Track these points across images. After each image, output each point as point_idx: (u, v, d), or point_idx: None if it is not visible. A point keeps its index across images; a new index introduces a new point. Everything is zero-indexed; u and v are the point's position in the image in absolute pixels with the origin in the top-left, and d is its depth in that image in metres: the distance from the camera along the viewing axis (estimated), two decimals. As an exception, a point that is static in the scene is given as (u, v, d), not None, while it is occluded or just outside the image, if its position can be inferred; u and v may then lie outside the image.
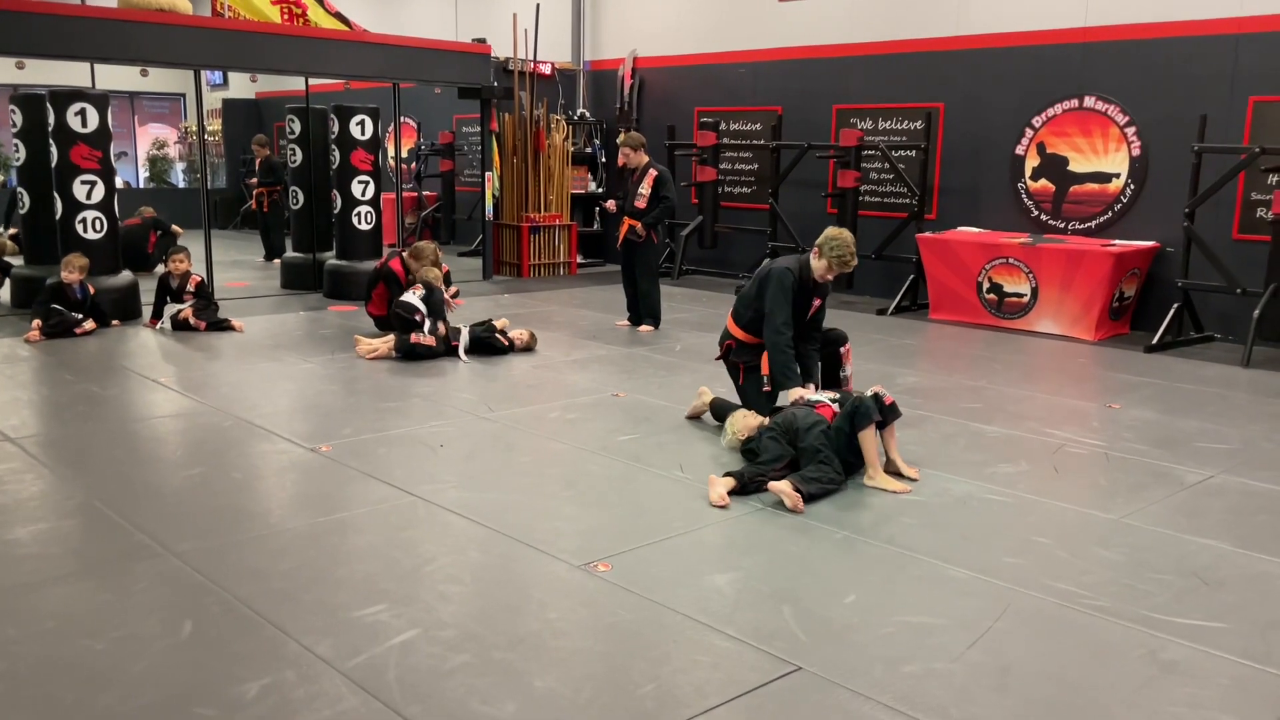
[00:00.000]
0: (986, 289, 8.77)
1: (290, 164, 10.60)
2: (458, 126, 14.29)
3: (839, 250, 5.02)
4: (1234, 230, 8.16)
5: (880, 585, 3.43)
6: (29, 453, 4.73)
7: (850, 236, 5.09)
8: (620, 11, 12.80)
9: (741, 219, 11.48)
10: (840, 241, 5.04)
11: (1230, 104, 8.03)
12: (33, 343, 7.17)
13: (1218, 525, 4.04)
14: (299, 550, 3.63)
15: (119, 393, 5.92)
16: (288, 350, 7.21)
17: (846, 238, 5.06)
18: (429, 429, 5.23)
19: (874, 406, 4.41)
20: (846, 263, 5.05)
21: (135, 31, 8.23)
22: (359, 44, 9.78)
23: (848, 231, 5.12)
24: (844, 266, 5.07)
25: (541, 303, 9.67)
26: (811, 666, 2.85)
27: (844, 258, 5.03)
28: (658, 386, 6.25)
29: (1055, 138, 9.10)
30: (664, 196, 7.96)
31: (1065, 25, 8.92)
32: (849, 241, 5.06)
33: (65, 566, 3.48)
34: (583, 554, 3.61)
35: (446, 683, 2.73)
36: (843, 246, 5.03)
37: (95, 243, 8.08)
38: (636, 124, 12.37)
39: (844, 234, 5.08)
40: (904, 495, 4.30)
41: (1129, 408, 5.95)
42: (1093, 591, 3.38)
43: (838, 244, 5.03)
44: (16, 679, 2.73)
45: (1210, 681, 2.82)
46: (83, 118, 7.95)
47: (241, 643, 2.93)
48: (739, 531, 3.90)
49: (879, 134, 10.22)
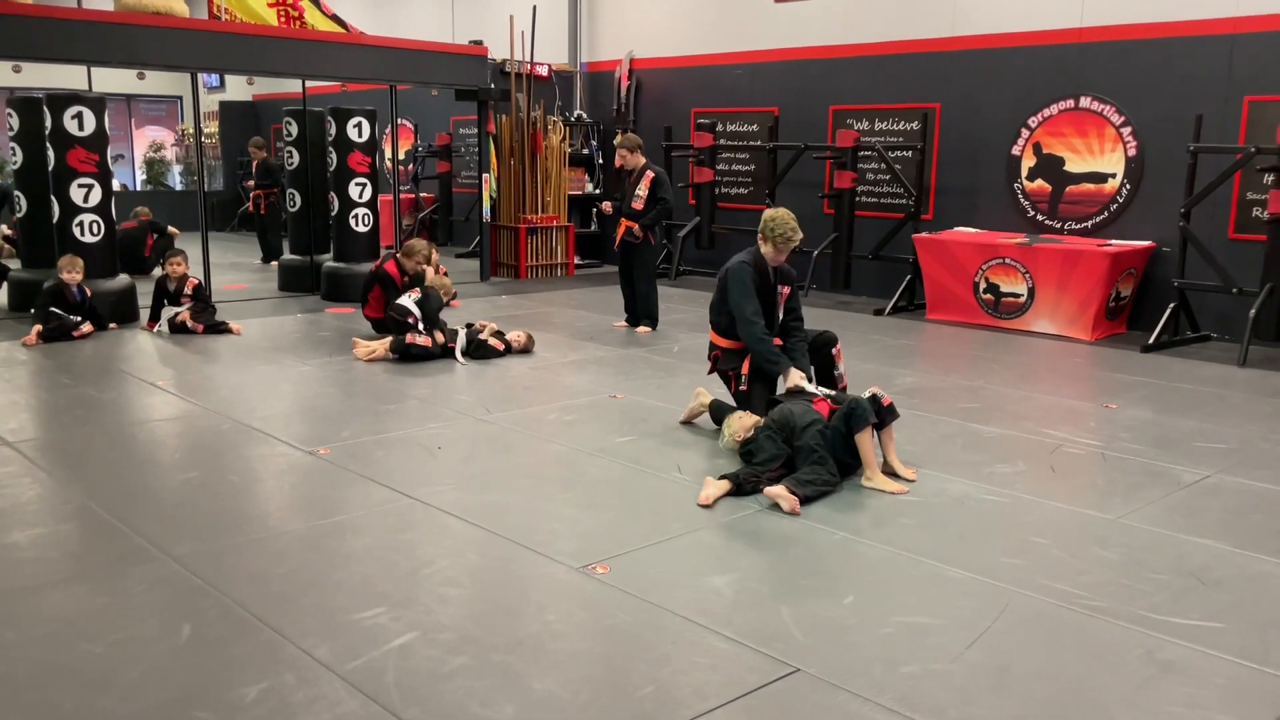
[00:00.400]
0: (983, 289, 8.78)
1: (287, 166, 10.60)
2: (455, 128, 14.29)
3: (779, 229, 5.11)
4: (1230, 230, 8.17)
5: (878, 586, 3.43)
6: (27, 456, 4.72)
7: (786, 212, 5.19)
8: (617, 13, 12.81)
9: (738, 220, 11.48)
10: (778, 220, 5.13)
11: (1226, 104, 8.05)
12: (30, 346, 7.17)
13: (1215, 525, 4.05)
14: (297, 553, 3.63)
15: (116, 396, 5.92)
16: (285, 353, 7.21)
17: (783, 214, 5.16)
18: (427, 431, 5.23)
19: (870, 408, 4.42)
20: (790, 239, 5.14)
21: (132, 34, 8.23)
22: (356, 46, 9.78)
23: (784, 209, 5.23)
24: (789, 243, 5.15)
25: (539, 304, 9.67)
26: (810, 668, 2.85)
27: (785, 234, 5.12)
28: (655, 388, 6.25)
29: (1051, 138, 9.11)
30: (661, 198, 7.97)
31: (1061, 25, 8.93)
32: (786, 217, 5.14)
33: (63, 570, 3.48)
34: (581, 556, 3.61)
35: (445, 685, 2.73)
36: (781, 224, 5.12)
37: (92, 246, 8.07)
38: (633, 125, 12.38)
39: (780, 212, 5.19)
40: (901, 496, 4.31)
41: (1126, 407, 5.96)
42: (1090, 591, 3.39)
43: (776, 223, 5.13)
44: (15, 683, 2.73)
45: (1208, 681, 2.82)
46: (80, 121, 7.94)
47: (240, 646, 2.93)
48: (737, 533, 3.91)
49: (875, 135, 10.23)
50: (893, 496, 4.31)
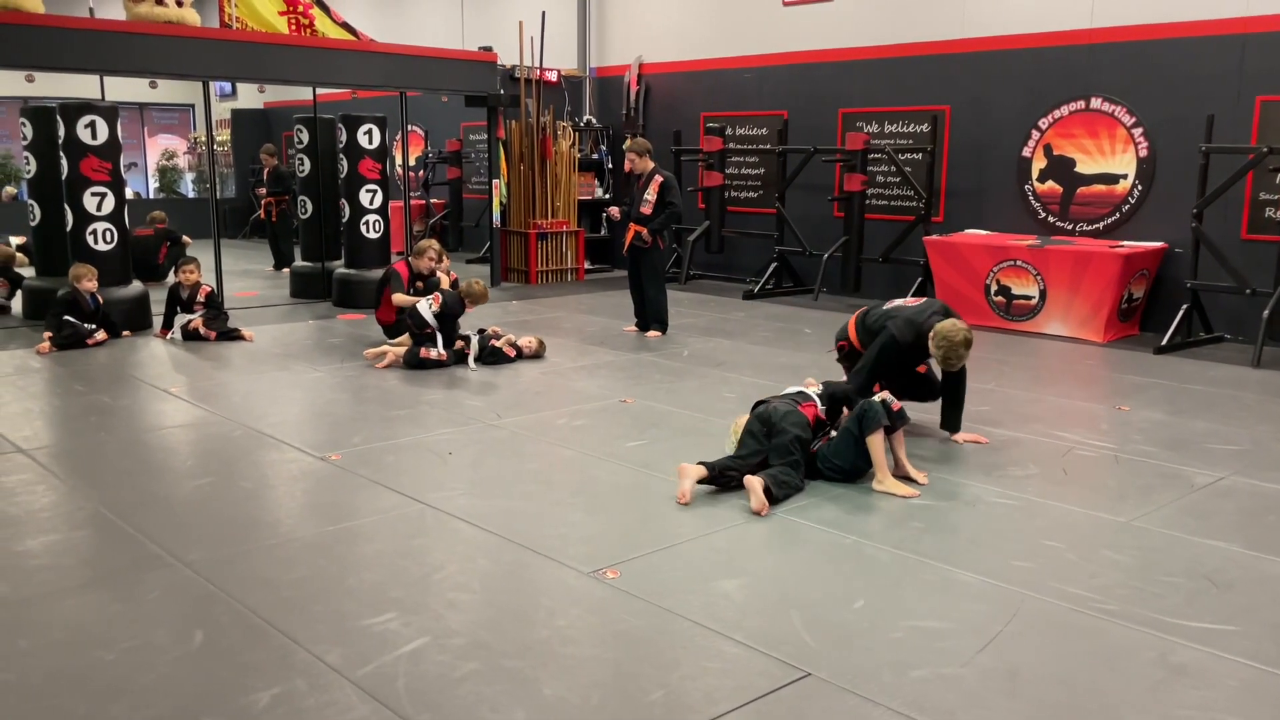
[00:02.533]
0: (994, 291, 8.76)
1: (299, 173, 10.65)
2: (465, 134, 14.33)
3: (944, 349, 4.80)
4: (1243, 230, 8.13)
5: (889, 590, 3.42)
6: (41, 464, 4.75)
7: (962, 338, 4.77)
8: (625, 18, 12.83)
9: (748, 223, 11.49)
10: (950, 343, 4.77)
11: (1237, 104, 8.01)
12: (43, 354, 7.22)
13: (1228, 527, 4.03)
14: (309, 559, 3.64)
15: (130, 403, 5.96)
16: (297, 359, 7.23)
17: (958, 339, 4.77)
18: (437, 437, 5.25)
19: (882, 410, 4.41)
20: (950, 362, 4.86)
21: (144, 44, 8.28)
22: (366, 54, 9.82)
23: (963, 329, 4.81)
24: (945, 364, 4.90)
25: (549, 309, 9.68)
26: (821, 672, 2.85)
27: (947, 358, 4.82)
28: (665, 392, 6.25)
29: (1062, 139, 9.08)
30: (670, 202, 7.96)
31: (1071, 27, 8.90)
32: (958, 344, 4.76)
33: (76, 577, 3.50)
34: (591, 561, 3.61)
35: (456, 691, 2.73)
36: (950, 348, 4.77)
37: (106, 254, 8.12)
38: (643, 130, 12.40)
39: (957, 333, 4.78)
40: (913, 500, 4.30)
41: (1138, 409, 5.93)
42: (1103, 595, 3.37)
43: (945, 344, 4.78)
44: (28, 690, 2.74)
45: (1221, 685, 2.81)
46: (93, 130, 8.00)
47: (252, 652, 2.94)
48: (747, 537, 3.90)
49: (885, 137, 10.21)
50: (903, 500, 4.30)
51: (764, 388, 6.24)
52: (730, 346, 7.79)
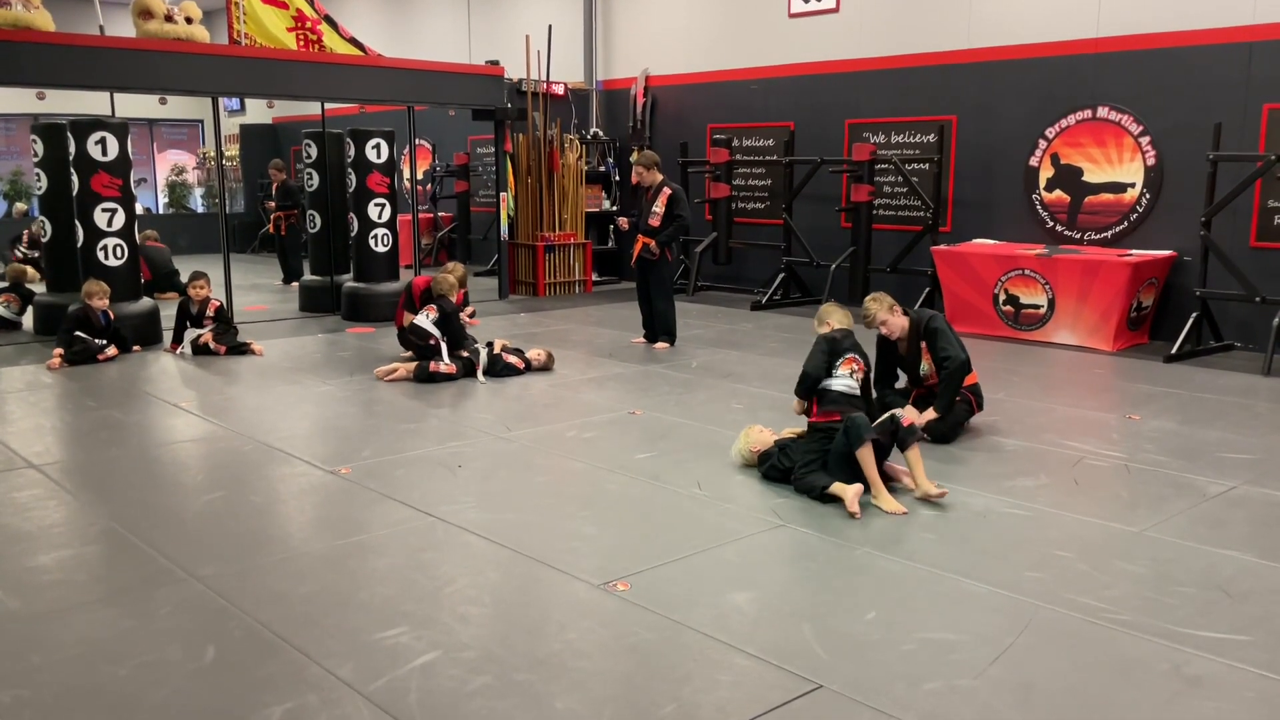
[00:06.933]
0: (1003, 301, 8.75)
1: (307, 188, 10.70)
2: (472, 148, 14.38)
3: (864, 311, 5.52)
4: (1251, 238, 8.11)
5: (900, 601, 3.41)
6: (52, 479, 4.77)
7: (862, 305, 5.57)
8: (632, 31, 12.88)
9: (755, 234, 11.50)
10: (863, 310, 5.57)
11: (1245, 112, 8.00)
12: (54, 370, 7.25)
13: (1241, 537, 4.01)
14: (320, 573, 3.65)
15: (140, 418, 5.98)
16: (306, 373, 7.26)
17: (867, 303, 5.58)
18: (447, 450, 5.25)
19: (865, 423, 4.37)
20: (869, 320, 5.56)
21: (154, 61, 8.34)
22: (373, 69, 9.87)
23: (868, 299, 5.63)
24: (869, 324, 5.59)
25: (557, 321, 9.69)
26: (833, 684, 2.84)
27: (865, 318, 5.51)
28: (674, 404, 6.25)
29: (1069, 148, 9.08)
30: (678, 215, 7.98)
31: (1077, 36, 8.91)
32: (865, 306, 5.57)
33: (88, 593, 3.51)
34: (602, 573, 3.61)
35: (467, 705, 2.73)
36: (863, 315, 5.49)
37: (116, 269, 8.17)
38: (649, 142, 12.43)
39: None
40: (923, 511, 4.28)
41: (1149, 419, 5.92)
42: (1115, 606, 3.35)
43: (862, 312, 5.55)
44: (41, 707, 2.75)
45: (1236, 696, 2.79)
46: (103, 146, 8.05)
47: (264, 667, 2.95)
48: (758, 549, 3.90)
49: (892, 148, 10.22)
50: (915, 511, 4.28)
51: (773, 399, 6.25)
52: (739, 358, 7.79)
